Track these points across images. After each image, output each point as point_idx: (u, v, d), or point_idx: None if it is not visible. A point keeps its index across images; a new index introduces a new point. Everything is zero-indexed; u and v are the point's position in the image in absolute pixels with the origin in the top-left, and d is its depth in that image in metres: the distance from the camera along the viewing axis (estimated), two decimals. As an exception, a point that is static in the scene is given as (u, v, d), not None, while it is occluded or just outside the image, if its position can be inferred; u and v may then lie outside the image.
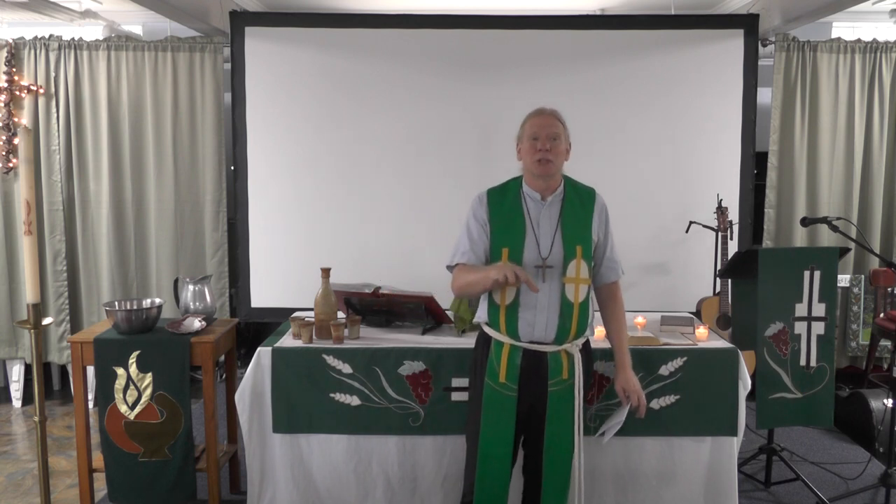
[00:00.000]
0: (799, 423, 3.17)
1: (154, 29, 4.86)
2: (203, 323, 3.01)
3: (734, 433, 2.89)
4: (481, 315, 2.49)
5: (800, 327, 3.06)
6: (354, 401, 2.87)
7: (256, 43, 4.46)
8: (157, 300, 3.11)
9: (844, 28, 4.84)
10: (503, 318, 2.41)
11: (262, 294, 4.62)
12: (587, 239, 2.46)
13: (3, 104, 4.47)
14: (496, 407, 2.42)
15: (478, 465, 2.44)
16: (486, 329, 2.47)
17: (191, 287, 3.15)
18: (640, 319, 3.15)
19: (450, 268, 2.49)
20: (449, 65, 4.45)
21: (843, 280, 4.70)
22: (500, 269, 2.25)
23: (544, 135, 2.42)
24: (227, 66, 4.55)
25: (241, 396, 2.88)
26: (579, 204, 2.48)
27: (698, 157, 4.50)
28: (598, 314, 2.65)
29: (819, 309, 3.05)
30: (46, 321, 2.41)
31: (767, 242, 4.70)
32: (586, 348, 2.52)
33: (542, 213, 2.44)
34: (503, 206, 2.46)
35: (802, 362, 3.07)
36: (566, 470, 2.46)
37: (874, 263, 4.64)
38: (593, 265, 2.51)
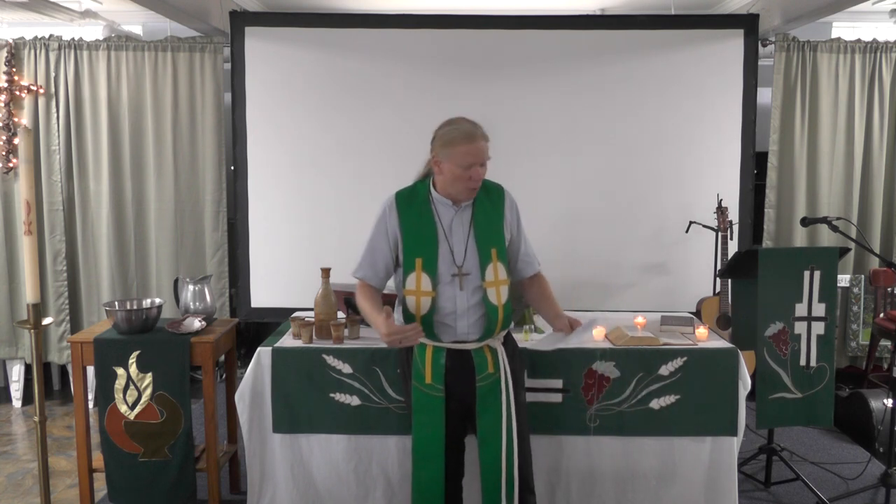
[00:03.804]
0: (799, 423, 3.16)
1: (154, 29, 4.86)
2: (203, 323, 3.01)
3: (734, 433, 2.89)
4: (399, 319, 2.48)
5: (800, 327, 3.06)
6: (354, 401, 2.87)
7: (256, 43, 4.46)
8: (157, 300, 3.11)
9: (844, 28, 4.84)
10: (420, 324, 2.39)
11: (262, 294, 4.62)
12: (500, 240, 2.43)
13: (3, 104, 4.47)
14: (425, 409, 2.41)
15: (413, 467, 2.45)
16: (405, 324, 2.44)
17: (191, 287, 3.15)
18: (640, 319, 3.14)
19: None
20: (449, 65, 4.45)
21: (843, 280, 4.71)
22: (388, 337, 2.26)
23: (478, 164, 2.34)
24: (227, 66, 4.55)
25: (241, 396, 2.88)
26: (490, 204, 2.45)
27: (698, 157, 4.50)
28: (594, 312, 2.64)
29: (819, 309, 3.05)
30: (46, 321, 2.41)
31: (767, 242, 4.70)
32: (509, 340, 2.52)
33: (454, 219, 2.41)
34: (413, 213, 2.43)
35: (802, 362, 3.06)
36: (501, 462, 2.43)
37: (874, 263, 4.64)
38: (509, 262, 2.49)
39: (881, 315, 4.35)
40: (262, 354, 2.87)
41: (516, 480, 2.41)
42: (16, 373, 4.68)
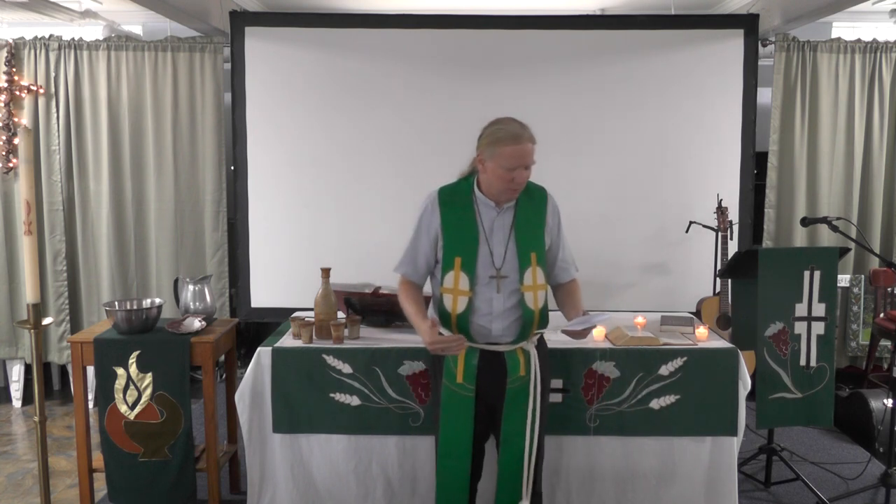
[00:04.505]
0: (799, 423, 3.17)
1: (154, 29, 4.86)
2: (203, 323, 3.01)
3: (734, 433, 2.89)
4: (433, 316, 2.46)
5: (800, 327, 3.06)
6: (354, 401, 2.87)
7: (256, 43, 4.46)
8: (157, 300, 3.11)
9: (844, 28, 4.84)
10: (455, 325, 2.39)
11: (262, 294, 4.62)
12: (540, 244, 2.42)
13: (3, 104, 4.47)
14: (454, 408, 2.41)
15: (437, 465, 2.45)
16: (441, 329, 2.42)
17: (191, 287, 3.15)
18: (640, 319, 3.14)
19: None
20: (450, 65, 4.45)
21: (843, 280, 4.71)
22: (431, 346, 2.28)
23: (522, 167, 2.31)
24: (227, 66, 4.55)
25: (241, 396, 2.88)
26: (531, 208, 2.44)
27: (698, 158, 4.50)
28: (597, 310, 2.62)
29: (819, 309, 3.05)
30: (46, 321, 2.41)
31: (767, 242, 4.70)
32: (541, 344, 2.52)
33: (495, 220, 2.39)
34: (455, 210, 2.40)
35: (802, 362, 3.07)
36: (521, 465, 2.43)
37: (874, 263, 4.64)
38: (546, 268, 2.47)
39: (881, 315, 4.35)
40: (262, 354, 2.87)
41: (530, 483, 2.42)
42: (16, 373, 4.68)
